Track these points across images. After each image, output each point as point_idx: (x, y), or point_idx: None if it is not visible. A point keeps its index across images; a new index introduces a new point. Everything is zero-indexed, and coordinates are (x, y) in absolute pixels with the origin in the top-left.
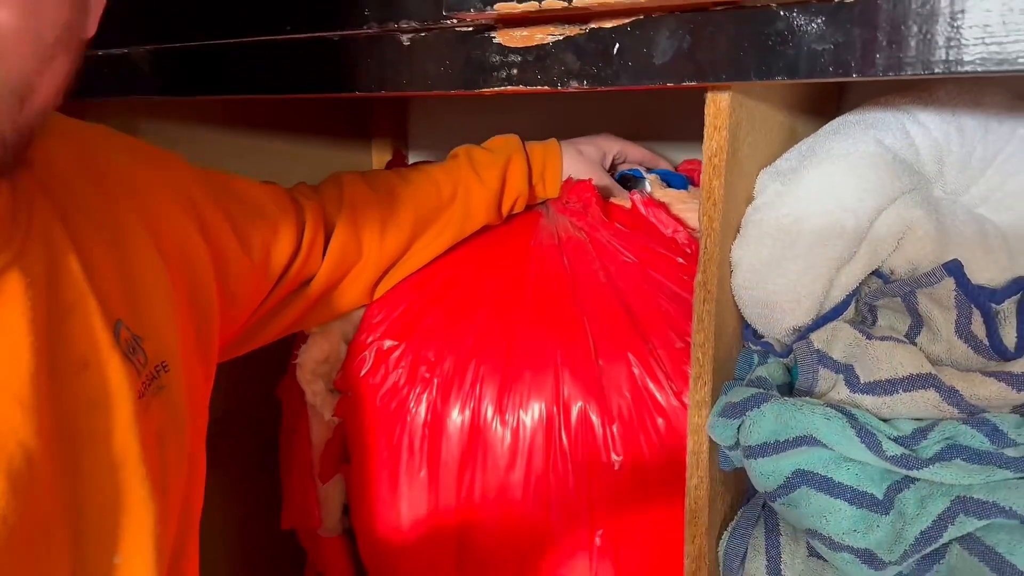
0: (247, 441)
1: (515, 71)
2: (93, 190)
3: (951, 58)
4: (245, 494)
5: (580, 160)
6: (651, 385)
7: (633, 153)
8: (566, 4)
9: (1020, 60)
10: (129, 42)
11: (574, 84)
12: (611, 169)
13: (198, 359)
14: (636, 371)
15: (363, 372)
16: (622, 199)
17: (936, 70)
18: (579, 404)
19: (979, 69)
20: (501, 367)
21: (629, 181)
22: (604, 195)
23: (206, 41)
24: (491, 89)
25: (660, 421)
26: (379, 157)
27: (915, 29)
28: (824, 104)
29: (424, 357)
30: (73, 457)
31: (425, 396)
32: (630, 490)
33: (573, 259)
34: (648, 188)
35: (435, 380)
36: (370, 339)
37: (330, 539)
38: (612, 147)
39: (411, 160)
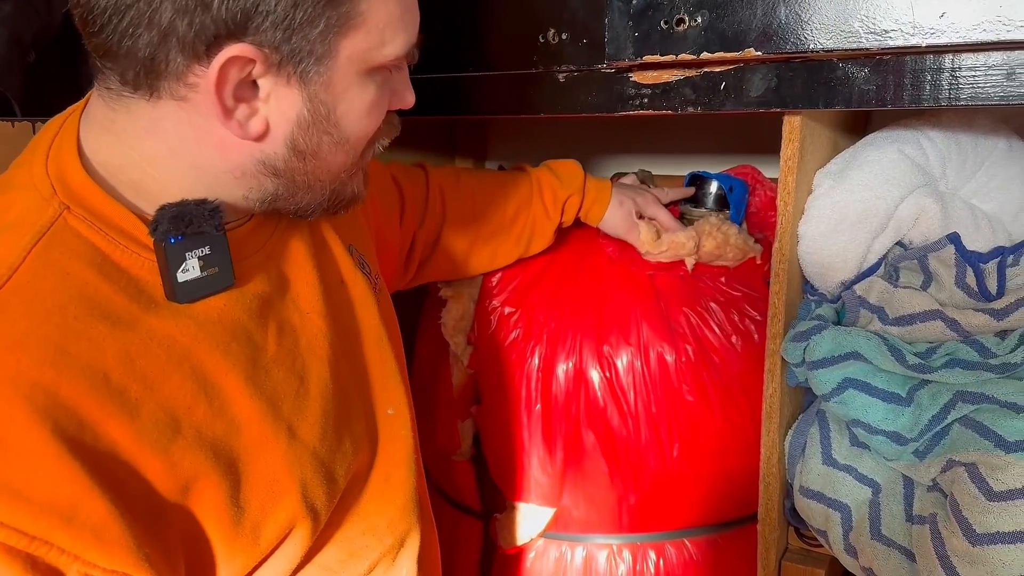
0: None
1: (646, 100)
2: None
3: (952, 96)
4: None
5: (618, 210)
6: (706, 332)
7: (660, 215)
8: (695, 57)
9: (994, 98)
10: None
11: (690, 109)
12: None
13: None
14: (694, 321)
15: (490, 331)
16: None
17: (942, 103)
18: (656, 349)
19: (969, 103)
20: (596, 324)
21: (699, 179)
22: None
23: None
24: (626, 113)
25: (715, 359)
26: (461, 166)
27: (928, 77)
28: (857, 124)
29: (536, 319)
30: (353, 345)
31: (538, 348)
32: (696, 412)
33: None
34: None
35: (545, 335)
36: (493, 306)
37: (462, 463)
38: (646, 207)
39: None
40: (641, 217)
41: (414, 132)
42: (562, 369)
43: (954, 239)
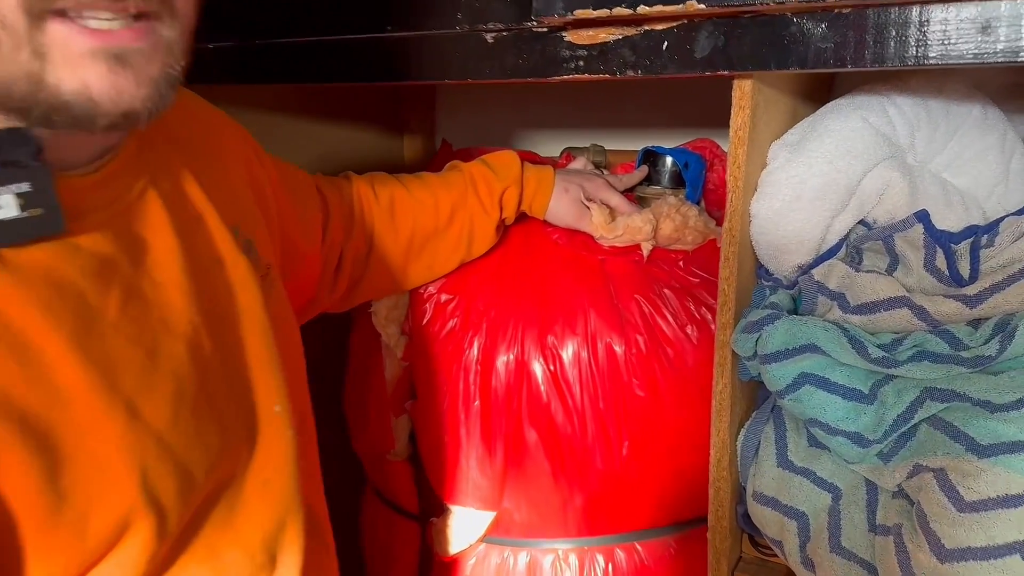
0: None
1: (582, 63)
2: (200, 134)
3: (919, 54)
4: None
5: (564, 198)
6: (659, 321)
7: (612, 199)
8: (632, 11)
9: (967, 56)
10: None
11: (630, 73)
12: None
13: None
14: (646, 309)
15: (425, 321)
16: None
17: (908, 63)
18: (605, 340)
19: (939, 62)
20: (539, 313)
21: (653, 155)
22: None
23: (319, 37)
24: (560, 77)
25: (669, 350)
26: (410, 144)
27: (893, 33)
28: (819, 91)
29: (475, 307)
30: (226, 330)
31: (477, 339)
32: (648, 408)
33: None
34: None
35: (484, 325)
36: (428, 293)
37: (398, 462)
38: (596, 192)
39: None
40: (592, 201)
41: (357, 108)
42: (502, 361)
43: (923, 217)
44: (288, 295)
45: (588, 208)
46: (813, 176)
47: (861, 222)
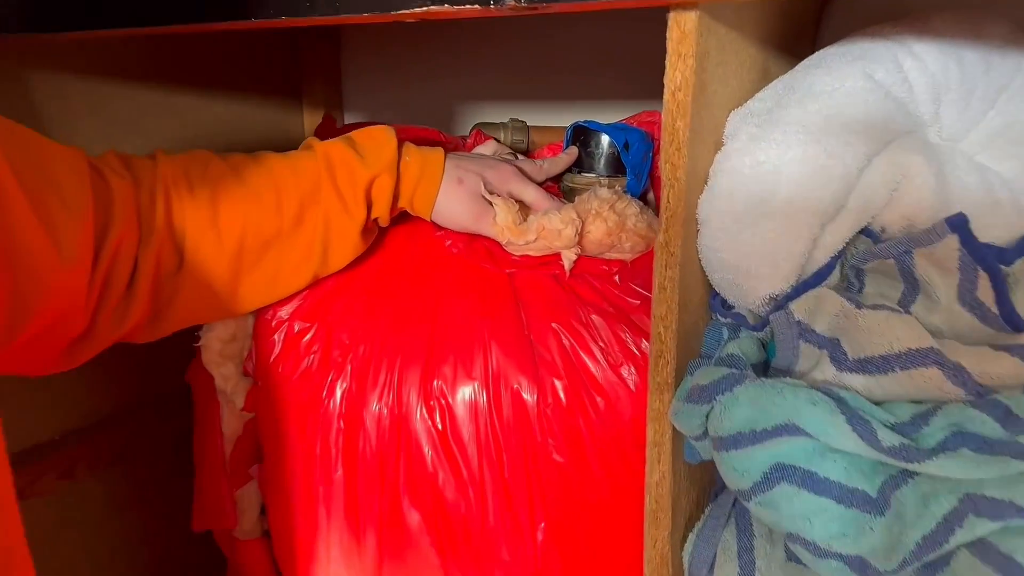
0: (163, 433)
1: None
2: None
3: None
4: (161, 491)
5: (458, 191)
6: (585, 359)
7: (526, 192)
8: None
9: None
10: None
11: (510, 1)
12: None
13: None
14: (567, 342)
15: (272, 359)
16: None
17: None
18: (511, 385)
19: None
20: (424, 348)
21: (585, 133)
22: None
23: None
24: (411, 11)
25: (598, 400)
26: (311, 121)
27: None
28: (799, 44)
29: (338, 340)
30: None
31: (340, 384)
32: (571, 478)
33: None
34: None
35: (349, 365)
36: (278, 321)
37: (248, 542)
38: (503, 183)
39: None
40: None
41: (240, 76)
42: (373, 415)
43: (957, 224)
44: (27, 335)
45: (491, 204)
46: (791, 162)
47: (864, 231)
